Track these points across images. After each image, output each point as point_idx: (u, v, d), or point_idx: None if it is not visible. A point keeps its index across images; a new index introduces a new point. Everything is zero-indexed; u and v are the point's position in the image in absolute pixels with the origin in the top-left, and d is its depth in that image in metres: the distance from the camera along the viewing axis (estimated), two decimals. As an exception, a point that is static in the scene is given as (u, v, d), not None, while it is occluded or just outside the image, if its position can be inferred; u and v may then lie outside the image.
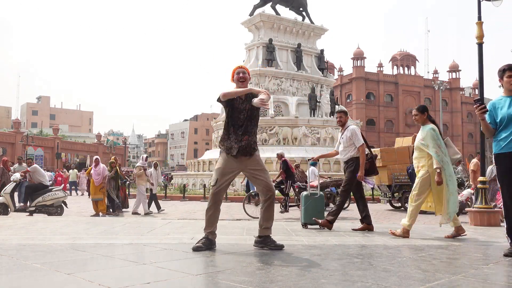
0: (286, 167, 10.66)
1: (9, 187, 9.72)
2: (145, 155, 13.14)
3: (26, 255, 3.75)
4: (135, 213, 11.43)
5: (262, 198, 4.24)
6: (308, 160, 7.09)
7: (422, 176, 5.30)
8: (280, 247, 4.14)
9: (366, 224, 6.03)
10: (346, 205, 13.26)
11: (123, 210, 12.15)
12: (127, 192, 14.07)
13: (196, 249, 4.01)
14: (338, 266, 3.35)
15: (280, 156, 11.38)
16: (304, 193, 6.37)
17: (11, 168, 13.88)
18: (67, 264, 3.38)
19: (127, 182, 15.22)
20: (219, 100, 4.21)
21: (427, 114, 5.45)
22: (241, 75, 4.30)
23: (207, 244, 4.08)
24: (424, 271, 3.19)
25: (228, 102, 4.20)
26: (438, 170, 5.13)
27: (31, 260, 3.48)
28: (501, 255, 3.99)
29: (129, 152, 77.67)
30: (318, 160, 6.68)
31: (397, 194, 13.07)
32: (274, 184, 11.98)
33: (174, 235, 5.31)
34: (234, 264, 3.48)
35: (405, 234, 5.27)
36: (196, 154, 72.96)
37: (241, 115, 4.20)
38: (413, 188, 5.39)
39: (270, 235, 4.23)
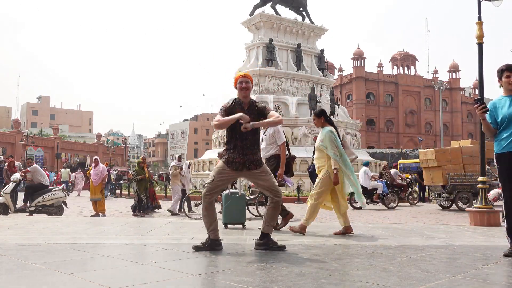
0: None
1: (9, 187, 9.71)
2: (177, 155, 13.04)
3: (26, 255, 3.75)
4: (175, 213, 11.36)
5: (269, 199, 4.23)
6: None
7: (322, 176, 5.45)
8: (282, 248, 4.13)
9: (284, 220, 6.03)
10: (394, 204, 13.66)
11: (156, 210, 12.05)
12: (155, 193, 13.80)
13: (196, 248, 3.98)
14: (338, 266, 3.35)
15: (220, 155, 11.23)
16: (225, 192, 6.29)
17: None
18: (67, 264, 3.38)
19: (153, 182, 14.88)
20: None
21: (324, 118, 5.61)
22: (244, 85, 4.20)
23: (210, 245, 4.02)
24: (424, 271, 3.19)
25: (230, 115, 4.09)
26: (335, 171, 5.32)
27: (31, 260, 3.48)
28: (501, 255, 3.99)
29: (129, 152, 77.64)
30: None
31: (450, 194, 13.29)
32: None
33: (174, 235, 5.31)
34: (234, 264, 3.48)
35: (302, 230, 5.42)
36: (196, 154, 73.02)
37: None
38: (313, 187, 5.55)
39: (271, 234, 4.22)
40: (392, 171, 15.79)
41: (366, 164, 14.90)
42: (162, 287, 2.70)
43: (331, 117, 25.31)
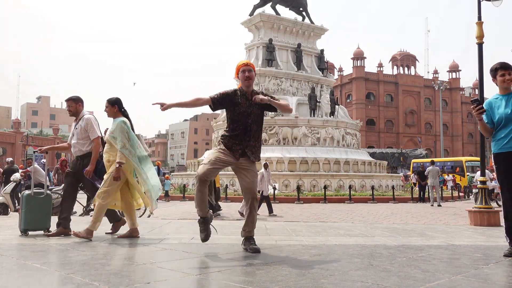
0: None
1: (9, 187, 9.72)
2: (263, 163, 12.84)
3: (26, 255, 3.75)
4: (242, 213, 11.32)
5: (245, 201, 4.14)
6: (35, 152, 5.92)
7: (112, 172, 4.91)
8: (257, 251, 3.96)
9: (62, 228, 5.20)
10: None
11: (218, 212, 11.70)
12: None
13: (204, 239, 4.11)
14: (338, 266, 3.35)
15: None
16: (26, 192, 5.26)
17: None
18: (67, 264, 3.38)
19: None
20: (212, 106, 4.14)
21: (118, 107, 5.17)
22: (246, 74, 4.07)
23: (206, 227, 4.11)
24: (424, 271, 3.19)
25: (229, 106, 4.08)
26: (118, 165, 4.83)
27: (31, 260, 3.48)
28: (501, 255, 3.99)
29: (129, 152, 77.37)
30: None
31: None
32: None
33: (174, 235, 5.32)
34: (234, 264, 3.48)
35: (89, 235, 4.82)
36: (196, 154, 72.98)
37: (248, 119, 4.04)
38: (101, 185, 4.96)
39: (253, 236, 4.14)
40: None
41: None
42: (162, 287, 2.70)
43: (331, 117, 25.51)
